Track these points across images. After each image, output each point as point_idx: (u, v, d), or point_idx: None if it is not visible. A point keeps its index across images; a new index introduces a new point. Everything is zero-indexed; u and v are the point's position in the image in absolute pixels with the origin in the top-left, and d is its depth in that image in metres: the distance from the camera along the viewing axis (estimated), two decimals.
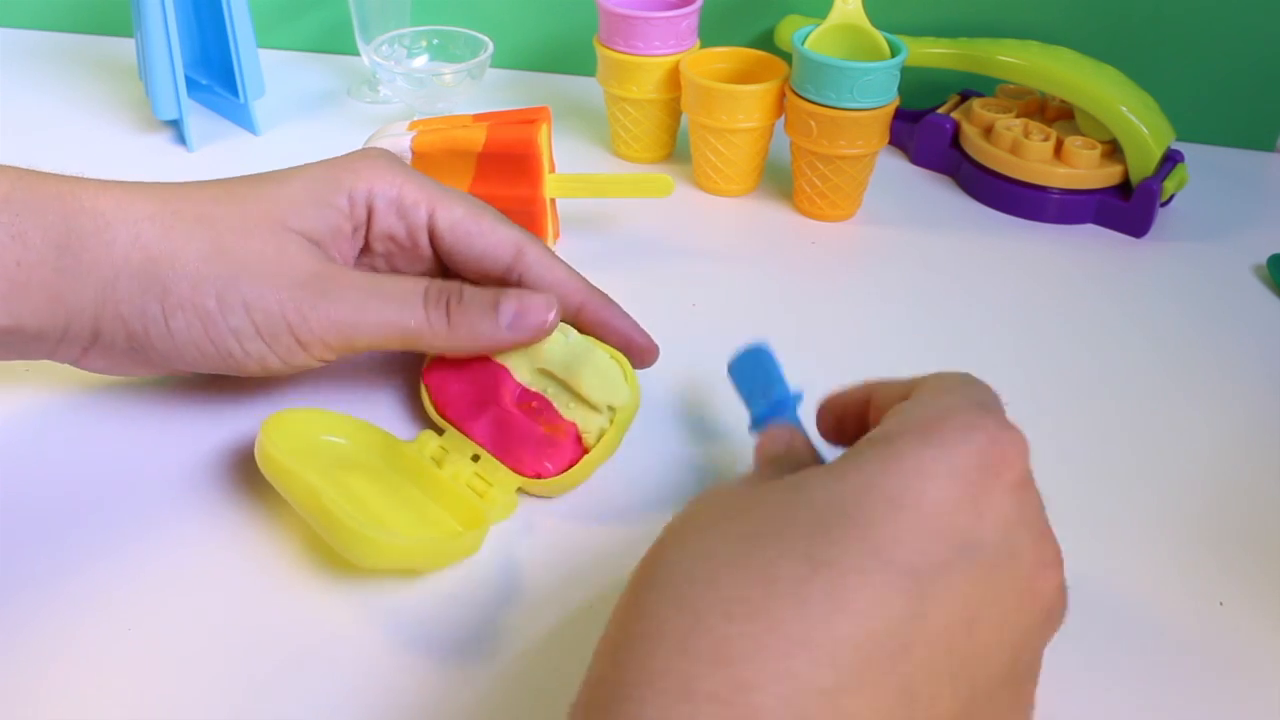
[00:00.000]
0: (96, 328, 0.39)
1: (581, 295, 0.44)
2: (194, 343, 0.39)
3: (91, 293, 0.38)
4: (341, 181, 0.42)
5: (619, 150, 0.67)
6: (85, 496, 0.41)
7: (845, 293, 0.55)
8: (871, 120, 0.57)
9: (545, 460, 0.41)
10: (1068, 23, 0.68)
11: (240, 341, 0.39)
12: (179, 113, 0.64)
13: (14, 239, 0.37)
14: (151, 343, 0.39)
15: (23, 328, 0.38)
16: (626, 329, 0.45)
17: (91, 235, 0.38)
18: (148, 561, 0.38)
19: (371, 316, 0.40)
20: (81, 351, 0.40)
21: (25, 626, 0.36)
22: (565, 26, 0.75)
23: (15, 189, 0.37)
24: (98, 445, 0.43)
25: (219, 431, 0.44)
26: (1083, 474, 0.44)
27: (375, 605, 0.37)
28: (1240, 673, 0.36)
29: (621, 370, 0.42)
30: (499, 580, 0.38)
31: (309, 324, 0.39)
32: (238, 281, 0.39)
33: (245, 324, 0.39)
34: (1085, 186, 0.61)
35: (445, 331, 0.40)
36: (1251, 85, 0.68)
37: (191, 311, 0.38)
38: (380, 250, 0.44)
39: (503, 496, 0.40)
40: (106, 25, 0.79)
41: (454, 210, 0.44)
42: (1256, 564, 0.40)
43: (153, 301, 0.38)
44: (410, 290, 0.41)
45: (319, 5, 0.77)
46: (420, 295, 0.40)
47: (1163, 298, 0.56)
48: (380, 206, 0.43)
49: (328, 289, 0.40)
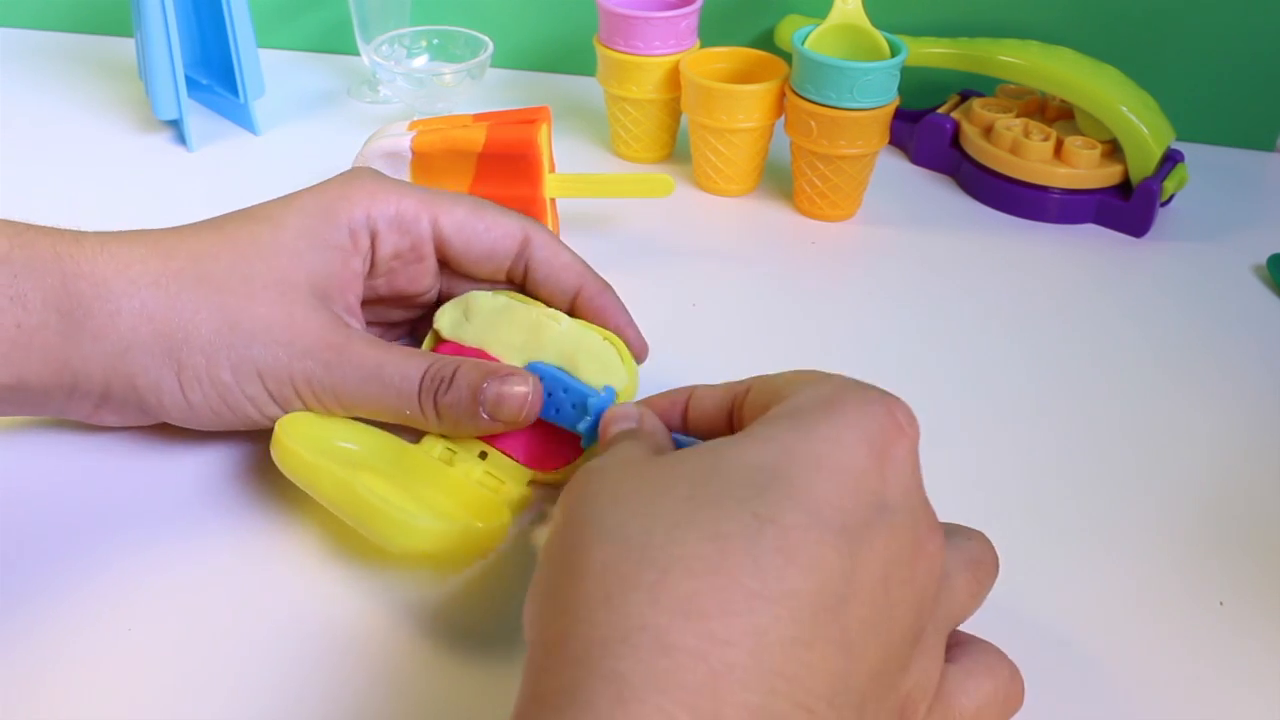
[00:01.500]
0: (106, 391, 0.39)
1: (580, 280, 0.44)
2: (211, 409, 0.39)
3: (100, 360, 0.38)
4: (338, 215, 0.42)
5: (619, 150, 0.67)
6: (86, 498, 0.41)
7: (845, 293, 0.55)
8: (871, 120, 0.57)
9: (550, 451, 0.41)
10: (1068, 23, 0.68)
11: (258, 407, 0.40)
12: (179, 112, 0.64)
13: (13, 301, 0.37)
14: (167, 410, 0.39)
15: (27, 384, 0.37)
16: (620, 323, 0.44)
17: (94, 302, 0.38)
18: (150, 560, 0.38)
19: (370, 404, 0.40)
20: (93, 408, 0.40)
21: (27, 625, 0.36)
22: (565, 26, 0.75)
23: (14, 248, 0.37)
24: (98, 447, 0.43)
25: (222, 437, 0.44)
26: (1083, 474, 0.44)
27: (383, 599, 0.37)
28: (1240, 673, 0.36)
29: (618, 352, 0.42)
30: (517, 571, 0.39)
31: (315, 394, 0.40)
32: (250, 350, 0.39)
33: (260, 392, 0.39)
34: (1085, 186, 0.61)
35: (435, 422, 0.40)
36: (1251, 85, 0.68)
37: (209, 384, 0.39)
38: (384, 270, 0.44)
39: (516, 491, 0.40)
40: (106, 25, 0.79)
41: (455, 212, 0.43)
42: (1256, 564, 0.40)
43: (168, 375, 0.38)
44: (408, 377, 0.40)
45: (319, 5, 0.77)
46: (416, 385, 0.40)
47: (1163, 298, 0.56)
48: (382, 229, 0.42)
49: (332, 364, 0.39)
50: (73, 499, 0.41)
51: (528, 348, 0.42)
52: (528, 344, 0.42)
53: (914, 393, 0.48)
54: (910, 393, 0.48)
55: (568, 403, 0.40)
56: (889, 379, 0.49)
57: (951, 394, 0.48)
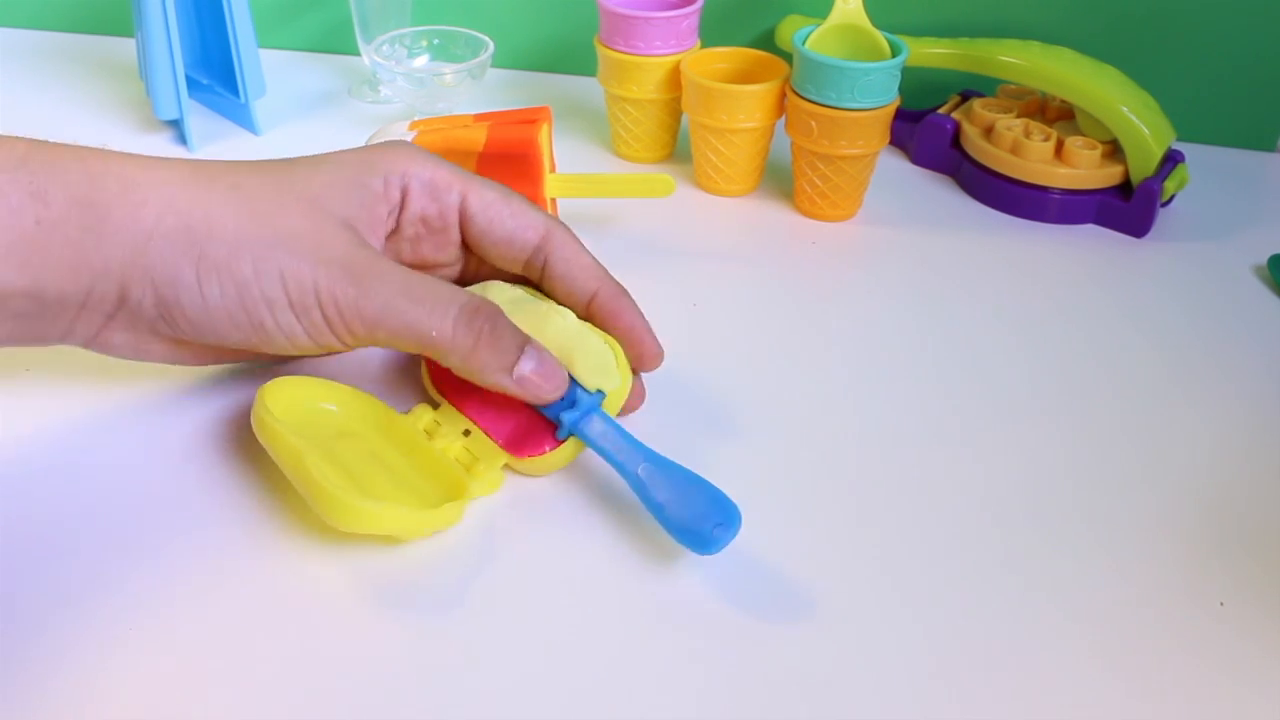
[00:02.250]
0: (123, 292, 0.38)
1: (597, 283, 0.45)
2: (227, 311, 0.39)
3: (120, 253, 0.37)
4: (376, 165, 0.43)
5: (619, 150, 0.67)
6: (79, 479, 0.41)
7: (845, 293, 0.55)
8: (872, 120, 0.57)
9: (533, 439, 0.42)
10: (1068, 23, 0.68)
11: (273, 312, 0.39)
12: (179, 112, 0.65)
13: (33, 197, 0.36)
14: (183, 309, 0.39)
15: (43, 291, 0.37)
16: (636, 326, 0.44)
17: (118, 196, 0.37)
18: (143, 535, 0.38)
19: (397, 318, 0.39)
20: (104, 321, 0.39)
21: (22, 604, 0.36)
22: (565, 26, 0.75)
23: (33, 150, 0.37)
24: (92, 430, 0.43)
25: (221, 400, 0.44)
26: (1083, 473, 0.44)
27: (354, 570, 0.37)
28: (1240, 673, 0.36)
29: (614, 356, 0.43)
30: (478, 549, 0.39)
31: (338, 305, 0.39)
32: (274, 251, 0.38)
33: (279, 294, 0.39)
34: (1086, 187, 0.61)
35: (466, 353, 0.39)
36: (1251, 85, 0.68)
37: (227, 277, 0.38)
38: (409, 234, 0.44)
39: (488, 472, 0.41)
40: (106, 25, 0.79)
41: (486, 193, 0.44)
42: (1257, 564, 0.40)
43: (187, 266, 0.38)
44: (445, 299, 0.40)
45: (319, 5, 0.77)
46: (455, 308, 0.39)
47: (1163, 298, 0.56)
48: (415, 188, 0.43)
49: (361, 277, 0.39)
50: (68, 483, 0.41)
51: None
52: (531, 333, 0.43)
53: (914, 393, 0.48)
54: (910, 393, 0.48)
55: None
56: (889, 379, 0.49)
57: (952, 394, 0.48)
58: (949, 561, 0.40)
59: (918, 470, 0.44)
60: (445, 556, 0.39)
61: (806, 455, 0.44)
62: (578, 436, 0.41)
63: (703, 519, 0.38)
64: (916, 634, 0.37)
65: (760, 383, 0.48)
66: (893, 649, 0.36)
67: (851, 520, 0.41)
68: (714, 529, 0.37)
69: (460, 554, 0.39)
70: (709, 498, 0.38)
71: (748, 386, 0.48)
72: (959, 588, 0.39)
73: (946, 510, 0.42)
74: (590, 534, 0.40)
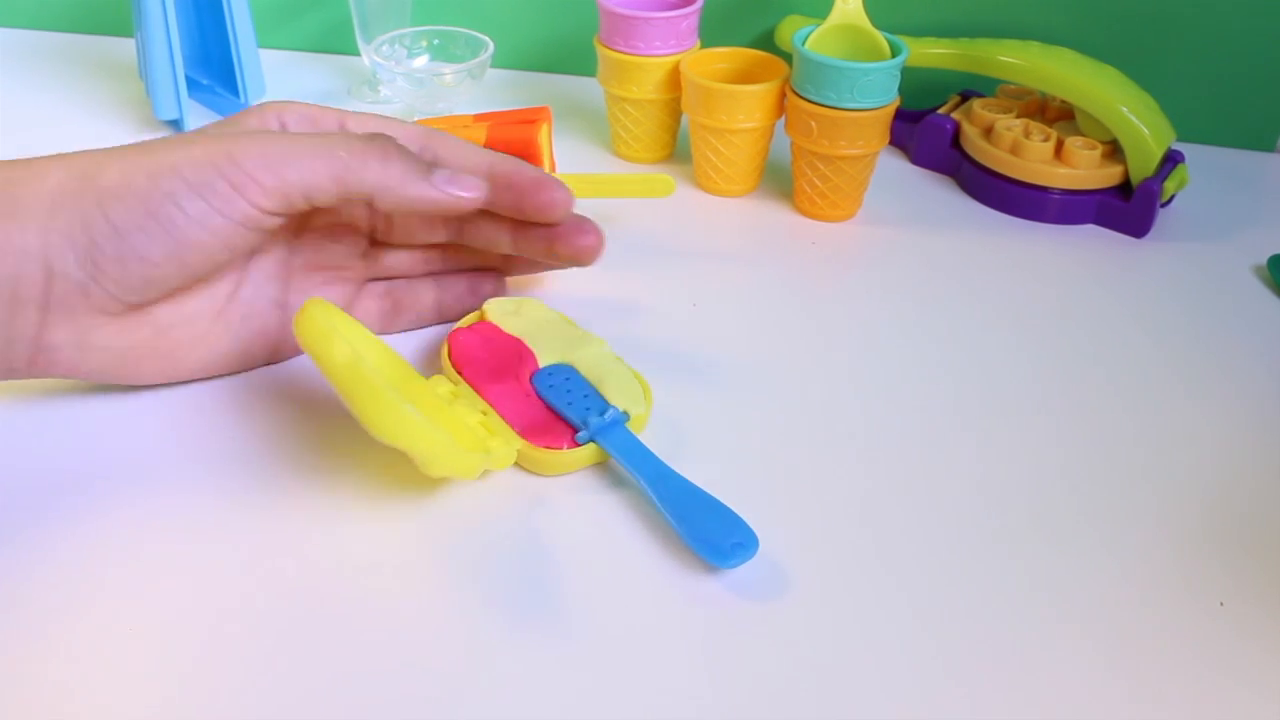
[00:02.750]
0: (48, 265, 0.38)
1: (489, 160, 0.46)
2: (137, 226, 0.39)
3: (35, 224, 0.38)
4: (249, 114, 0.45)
5: (619, 150, 0.67)
6: (69, 471, 0.41)
7: (845, 293, 0.55)
8: (872, 120, 0.57)
9: (552, 435, 0.42)
10: (1068, 23, 0.68)
11: (177, 203, 0.39)
12: (179, 113, 0.65)
13: None
14: (100, 249, 0.39)
15: None
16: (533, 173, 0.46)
17: (24, 175, 0.39)
18: (140, 526, 0.38)
19: (302, 150, 0.40)
20: (40, 316, 0.39)
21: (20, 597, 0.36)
22: (565, 26, 0.75)
23: None
24: (84, 427, 0.43)
25: (221, 400, 0.44)
26: (1083, 473, 0.44)
27: (358, 554, 0.37)
28: (1240, 673, 0.36)
29: (642, 390, 0.45)
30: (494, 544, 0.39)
31: (236, 161, 0.39)
32: (165, 156, 0.39)
33: (177, 184, 0.39)
34: (1086, 187, 0.61)
35: (380, 166, 0.41)
36: (1251, 85, 0.68)
37: (127, 193, 0.39)
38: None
39: (504, 447, 0.41)
40: (106, 25, 0.79)
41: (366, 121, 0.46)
42: (1257, 564, 0.40)
43: (91, 206, 0.39)
44: (343, 133, 0.43)
45: (319, 5, 0.77)
46: (356, 134, 0.42)
47: (1163, 298, 0.56)
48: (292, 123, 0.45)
49: (255, 136, 0.41)
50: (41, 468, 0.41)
51: (565, 355, 0.46)
52: (565, 353, 0.46)
53: (914, 393, 0.48)
54: (910, 393, 0.48)
55: (582, 404, 0.43)
56: (889, 379, 0.49)
57: (952, 394, 0.48)
58: (950, 561, 0.40)
59: (918, 470, 0.44)
60: (469, 547, 0.39)
61: (807, 455, 0.44)
62: (600, 444, 0.42)
63: (722, 535, 0.39)
64: (917, 632, 0.37)
65: (760, 383, 0.48)
66: (893, 649, 0.36)
67: (852, 520, 0.41)
68: (733, 546, 0.38)
69: (476, 548, 0.39)
70: (730, 522, 0.39)
71: (748, 386, 0.48)
72: (960, 587, 0.39)
73: (947, 510, 0.42)
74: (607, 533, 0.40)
